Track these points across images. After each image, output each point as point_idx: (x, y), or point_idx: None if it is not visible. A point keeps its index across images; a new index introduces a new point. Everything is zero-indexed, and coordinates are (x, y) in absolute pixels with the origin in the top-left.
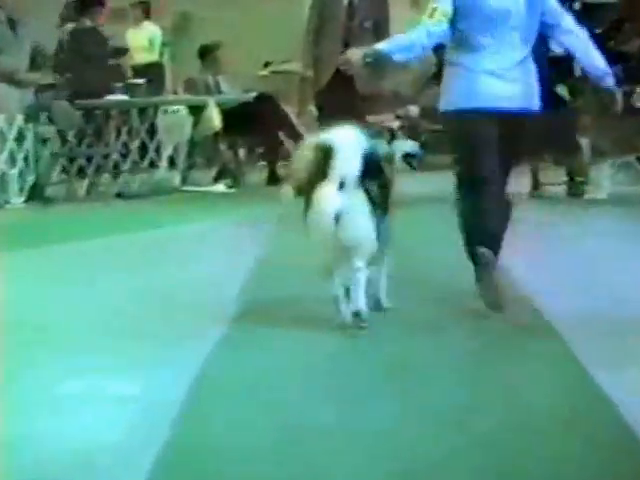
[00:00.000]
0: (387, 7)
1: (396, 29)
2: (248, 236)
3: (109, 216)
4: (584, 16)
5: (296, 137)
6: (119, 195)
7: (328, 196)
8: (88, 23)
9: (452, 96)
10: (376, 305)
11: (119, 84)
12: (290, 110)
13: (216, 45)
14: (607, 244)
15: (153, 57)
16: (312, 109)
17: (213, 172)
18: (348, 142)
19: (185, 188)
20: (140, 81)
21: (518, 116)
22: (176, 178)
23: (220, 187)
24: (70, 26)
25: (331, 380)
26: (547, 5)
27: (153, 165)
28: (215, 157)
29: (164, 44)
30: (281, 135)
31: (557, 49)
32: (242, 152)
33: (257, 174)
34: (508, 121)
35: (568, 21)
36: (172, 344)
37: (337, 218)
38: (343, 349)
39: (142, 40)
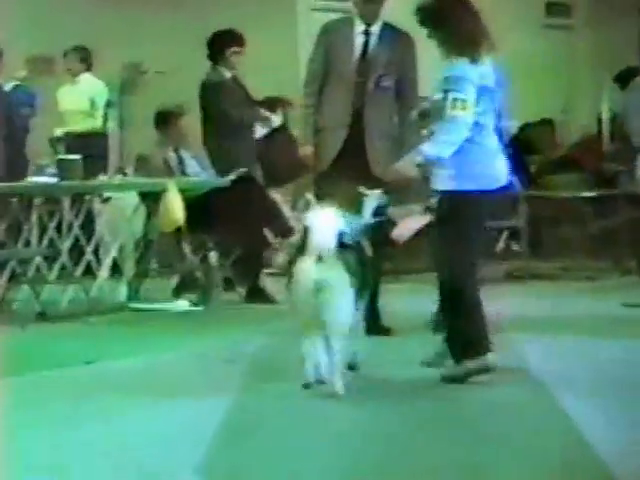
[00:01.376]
0: (413, 58)
1: (427, 86)
2: (218, 376)
3: (27, 345)
4: None
5: (287, 235)
6: (42, 315)
7: (306, 266)
8: (227, 74)
9: (466, 176)
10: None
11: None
12: (280, 199)
13: (179, 109)
14: None
15: (94, 123)
16: (310, 198)
17: (173, 283)
18: (322, 219)
19: (134, 305)
20: (75, 157)
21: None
22: (122, 291)
23: (182, 304)
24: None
25: None
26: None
27: (90, 273)
28: (176, 262)
29: (109, 105)
30: (267, 233)
31: None
32: (213, 256)
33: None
34: (501, 198)
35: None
36: None
37: (317, 288)
38: None
39: (80, 100)
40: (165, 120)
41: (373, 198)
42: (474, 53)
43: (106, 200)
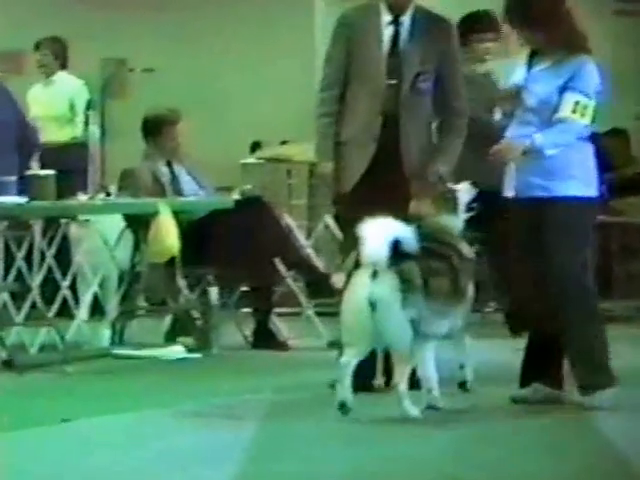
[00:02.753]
0: (455, 51)
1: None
2: (218, 439)
3: None
4: None
5: (302, 267)
6: (8, 363)
7: (359, 281)
8: (479, 67)
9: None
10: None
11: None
12: (294, 223)
13: (172, 115)
14: None
15: (74, 131)
16: (329, 221)
17: (165, 325)
18: (372, 229)
19: (118, 351)
20: (47, 172)
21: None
22: (104, 335)
23: (176, 350)
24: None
25: None
26: None
27: (66, 313)
28: (169, 300)
29: (89, 106)
30: (279, 264)
31: None
32: (214, 292)
33: (238, 329)
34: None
35: None
36: None
37: (372, 305)
38: None
39: (57, 103)
40: (155, 128)
41: (465, 192)
42: (588, 50)
43: (82, 221)
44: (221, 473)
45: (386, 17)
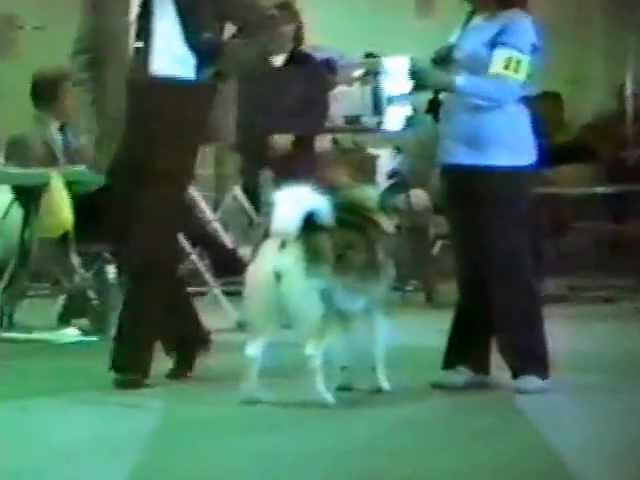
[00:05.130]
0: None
1: (397, 46)
2: (114, 431)
3: None
4: None
5: (208, 243)
6: None
7: (265, 252)
8: None
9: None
10: (372, 384)
11: None
12: (199, 194)
13: (63, 75)
14: None
15: None
16: (237, 193)
17: (58, 306)
18: (286, 200)
19: (6, 335)
20: None
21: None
22: None
23: (70, 332)
24: None
25: None
26: None
27: None
28: (62, 279)
29: None
30: (182, 240)
31: None
32: (111, 270)
33: None
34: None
35: None
36: None
37: (277, 277)
38: None
39: None
40: (45, 89)
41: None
42: (525, 5)
43: None
44: (118, 465)
45: None
